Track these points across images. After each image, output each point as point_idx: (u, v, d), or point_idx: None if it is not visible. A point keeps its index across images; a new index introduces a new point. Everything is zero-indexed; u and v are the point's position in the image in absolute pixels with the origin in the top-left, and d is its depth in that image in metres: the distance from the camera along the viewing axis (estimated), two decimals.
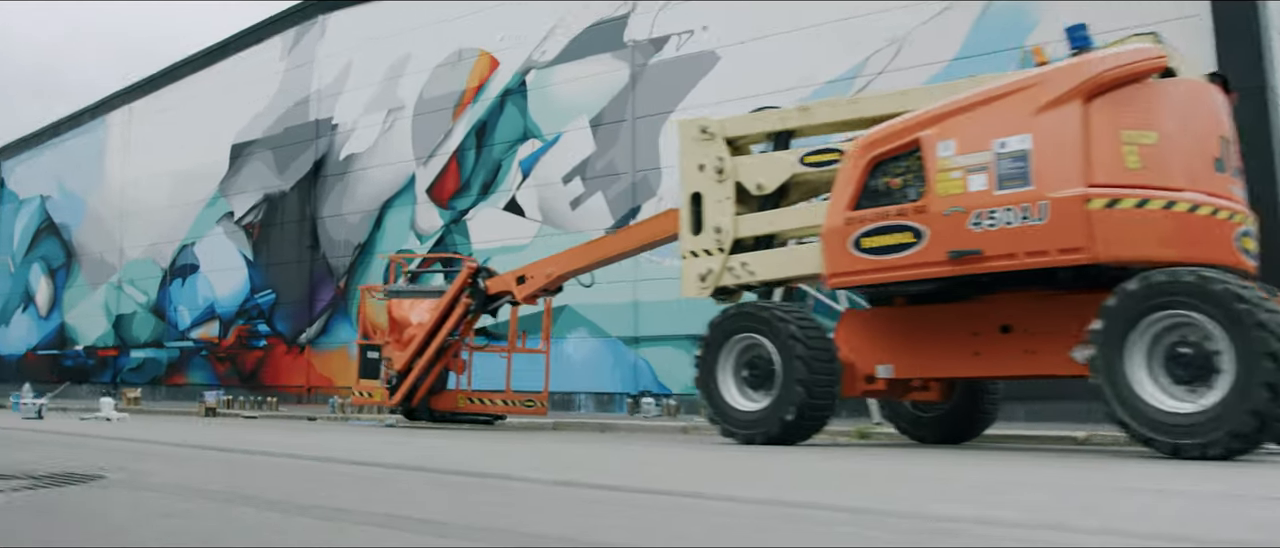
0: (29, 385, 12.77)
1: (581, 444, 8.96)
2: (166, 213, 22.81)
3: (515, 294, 11.06)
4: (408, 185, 17.95)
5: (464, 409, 12.25)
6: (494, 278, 11.42)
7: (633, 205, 14.92)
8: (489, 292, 11.32)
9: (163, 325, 22.57)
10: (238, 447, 8.08)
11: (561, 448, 8.48)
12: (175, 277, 22.40)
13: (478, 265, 11.55)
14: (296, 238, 19.80)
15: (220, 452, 7.48)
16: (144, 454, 6.94)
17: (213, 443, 8.85)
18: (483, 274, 11.45)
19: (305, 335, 19.35)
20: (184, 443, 8.85)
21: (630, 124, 15.12)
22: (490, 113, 16.91)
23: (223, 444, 8.52)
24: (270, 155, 20.61)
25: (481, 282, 11.36)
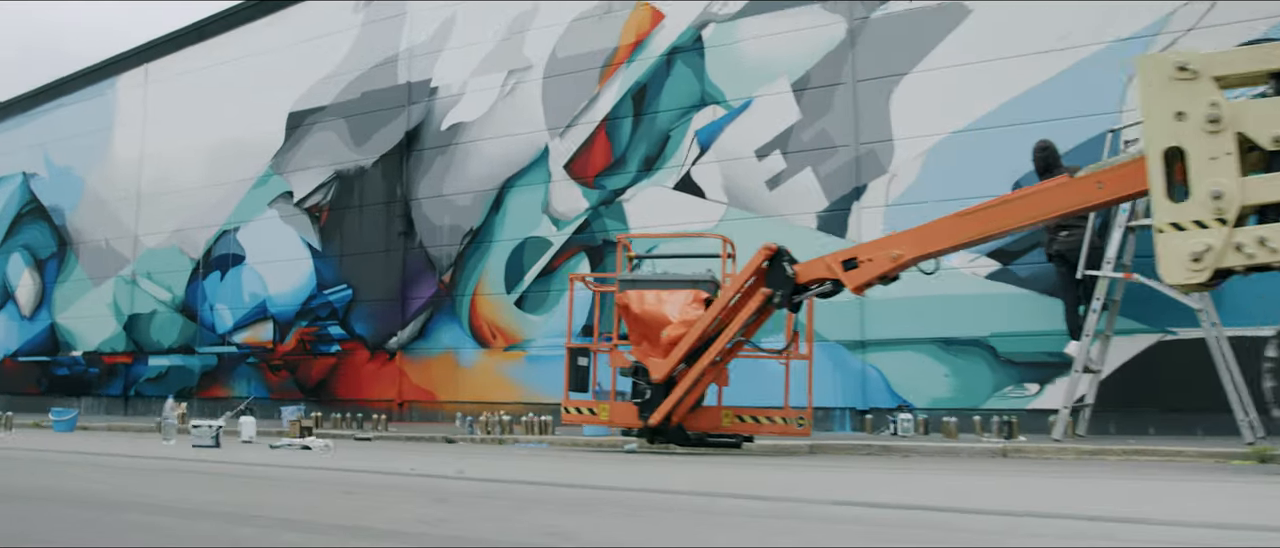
0: (173, 400, 10.65)
1: (962, 476, 7.35)
2: (199, 194, 20.59)
3: (845, 282, 9.38)
4: (538, 160, 16.12)
5: (729, 429, 10.54)
6: (805, 263, 9.73)
7: (856, 184, 13.34)
8: (799, 280, 9.63)
9: (193, 327, 20.34)
10: (547, 481, 6.42)
11: (945, 481, 6.91)
12: (211, 269, 20.19)
13: (777, 247, 9.83)
14: (383, 223, 17.81)
15: (582, 489, 5.81)
16: (502, 499, 5.19)
17: (507, 476, 7.12)
18: (786, 258, 9.74)
19: (396, 340, 17.37)
20: (490, 478, 7.09)
21: (850, 88, 13.54)
22: (653, 74, 15.18)
23: (523, 478, 6.82)
24: (343, 125, 18.58)
25: (789, 267, 9.66)
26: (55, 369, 22.81)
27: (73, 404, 21.61)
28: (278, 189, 19.36)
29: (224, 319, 19.84)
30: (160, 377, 20.76)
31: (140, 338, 21.28)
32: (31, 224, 23.92)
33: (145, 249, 21.46)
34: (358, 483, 6.75)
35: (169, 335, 20.73)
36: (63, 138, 23.57)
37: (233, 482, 6.79)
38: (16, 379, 23.31)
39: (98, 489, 5.96)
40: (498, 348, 16.21)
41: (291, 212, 19.08)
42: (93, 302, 22.25)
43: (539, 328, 15.80)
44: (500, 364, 16.15)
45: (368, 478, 7.16)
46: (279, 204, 19.30)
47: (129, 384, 21.30)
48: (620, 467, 8.27)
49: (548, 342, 15.62)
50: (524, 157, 16.24)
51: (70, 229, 23.05)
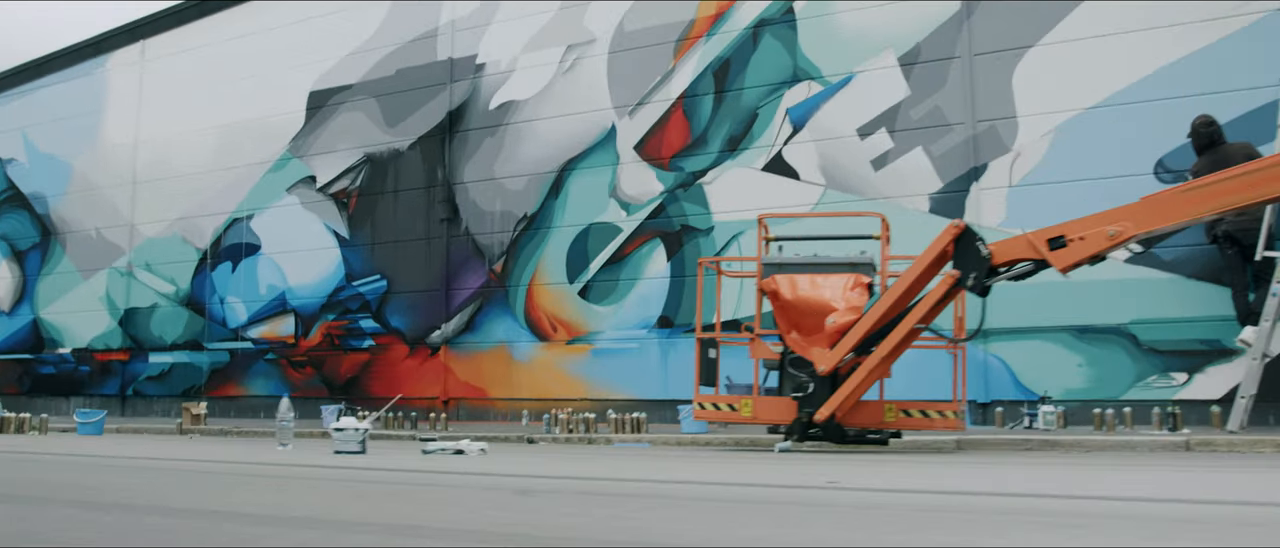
0: (288, 400, 9.15)
1: (1183, 472, 6.40)
2: (205, 179, 18.97)
3: (1052, 263, 8.36)
4: (604, 141, 14.91)
5: (893, 424, 9.47)
6: (1002, 242, 8.69)
7: (973, 164, 12.39)
8: (994, 261, 8.59)
9: (201, 322, 18.72)
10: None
11: (1178, 477, 5.98)
12: (220, 260, 18.60)
13: (965, 225, 8.78)
14: (423, 209, 16.44)
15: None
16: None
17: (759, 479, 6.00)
18: (976, 237, 8.69)
19: (439, 334, 16.02)
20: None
21: (965, 62, 12.57)
22: (737, 49, 14.07)
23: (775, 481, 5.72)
24: (374, 105, 17.15)
25: (982, 247, 8.61)
26: (39, 368, 20.96)
27: (61, 405, 19.86)
28: (298, 174, 17.85)
29: (237, 313, 18.27)
30: (163, 375, 19.09)
31: (139, 334, 19.58)
32: (10, 213, 22.01)
33: (144, 239, 19.76)
34: (603, 490, 5.56)
35: (172, 331, 19.07)
36: (46, 121, 21.71)
37: (466, 495, 5.54)
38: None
39: (311, 508, 4.70)
40: (559, 341, 14.96)
41: (314, 198, 17.59)
42: (82, 295, 20.47)
43: (607, 320, 14.59)
44: (562, 359, 14.91)
45: (608, 485, 5.96)
46: (300, 190, 17.80)
47: (126, 383, 19.59)
48: (792, 468, 7.19)
49: (618, 334, 14.43)
50: (587, 137, 15.01)
51: (55, 218, 21.21)
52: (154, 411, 19.15)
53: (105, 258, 20.22)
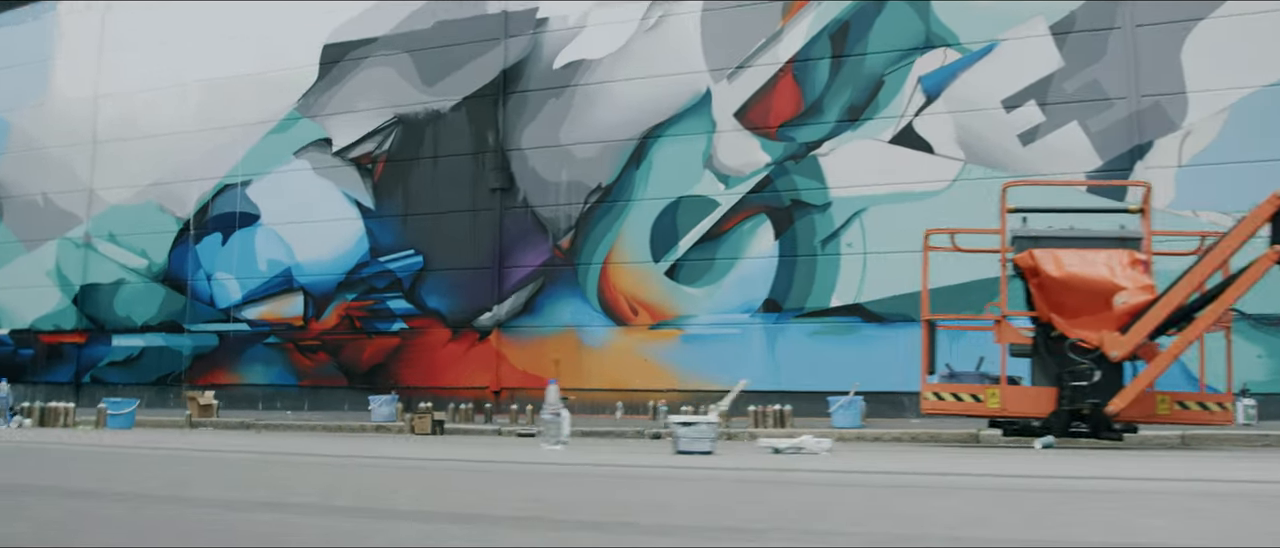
0: (554, 385, 7.00)
1: None
2: (188, 141, 16.46)
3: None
4: (696, 107, 13.36)
5: (1166, 418, 8.29)
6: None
7: (1136, 142, 11.42)
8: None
9: (181, 300, 16.22)
10: None
11: None
12: (208, 231, 16.14)
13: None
14: (470, 177, 14.51)
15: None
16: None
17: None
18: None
19: (489, 317, 14.13)
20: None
21: (1126, 33, 11.61)
22: (857, 11, 12.74)
23: None
24: (407, 61, 15.10)
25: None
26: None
27: None
28: (309, 135, 15.62)
29: (229, 291, 15.87)
30: (131, 360, 16.47)
31: (99, 313, 16.86)
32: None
33: (107, 207, 17.04)
34: (1010, 487, 4.17)
35: (144, 311, 16.47)
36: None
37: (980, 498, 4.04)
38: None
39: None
40: (641, 326, 13.33)
41: (330, 163, 15.41)
42: (25, 269, 17.56)
43: (701, 303, 13.05)
44: (643, 344, 13.28)
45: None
46: (311, 153, 15.58)
47: (82, 369, 16.83)
48: (1130, 463, 5.97)
49: (715, 318, 12.91)
50: (674, 102, 13.44)
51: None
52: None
53: (56, 227, 17.38)
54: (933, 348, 8.96)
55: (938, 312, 9.82)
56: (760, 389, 12.29)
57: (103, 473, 4.95)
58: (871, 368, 11.88)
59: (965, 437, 9.73)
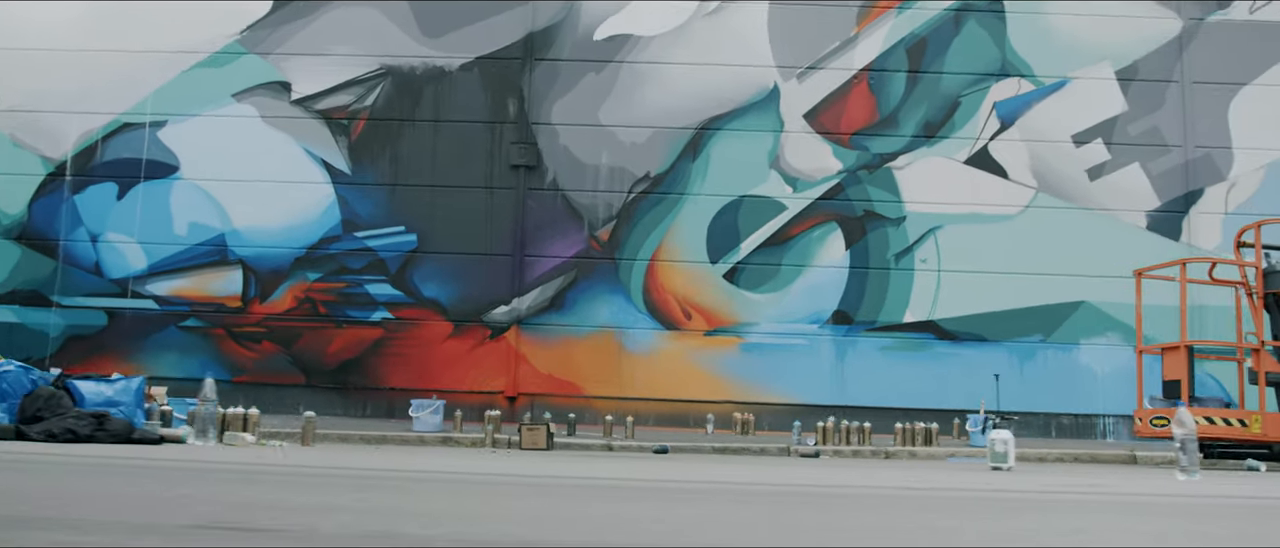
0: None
1: None
2: (68, 60, 12.65)
3: None
4: (762, 102, 12.42)
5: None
6: None
7: (1187, 188, 12.26)
8: None
9: (50, 266, 12.36)
10: None
11: None
12: (96, 179, 12.45)
13: None
14: (484, 149, 12.41)
15: None
16: None
17: None
18: None
19: (506, 311, 12.14)
20: None
21: (1181, 88, 12.45)
22: (935, 28, 12.55)
23: None
24: (402, 7, 12.66)
25: None
26: None
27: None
28: (257, 76, 12.63)
29: (127, 258, 12.35)
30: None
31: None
32: None
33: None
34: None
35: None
36: None
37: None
38: None
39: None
40: (695, 331, 12.11)
41: (288, 112, 12.55)
42: None
43: (764, 310, 12.11)
44: (697, 352, 12.08)
45: None
46: (260, 98, 12.59)
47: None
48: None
49: (779, 327, 12.06)
50: (738, 94, 12.45)
51: None
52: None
53: None
54: (1191, 373, 8.94)
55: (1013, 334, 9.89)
56: (823, 404, 11.68)
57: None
58: (946, 386, 11.72)
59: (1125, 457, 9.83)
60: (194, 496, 3.47)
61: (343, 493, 3.81)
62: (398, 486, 4.34)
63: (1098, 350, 11.92)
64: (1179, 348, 9.19)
